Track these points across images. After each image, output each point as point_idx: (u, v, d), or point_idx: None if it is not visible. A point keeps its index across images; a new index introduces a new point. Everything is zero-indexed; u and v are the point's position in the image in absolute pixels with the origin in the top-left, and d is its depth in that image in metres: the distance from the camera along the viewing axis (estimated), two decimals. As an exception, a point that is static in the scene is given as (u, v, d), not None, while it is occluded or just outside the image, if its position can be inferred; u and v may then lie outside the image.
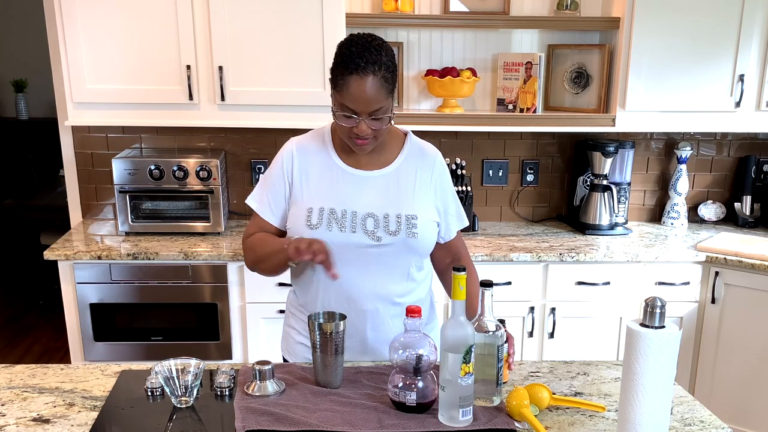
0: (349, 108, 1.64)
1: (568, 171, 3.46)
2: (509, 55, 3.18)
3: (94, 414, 1.53)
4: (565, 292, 2.95)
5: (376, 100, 1.63)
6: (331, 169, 1.78)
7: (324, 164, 1.79)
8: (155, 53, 2.87)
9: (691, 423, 1.55)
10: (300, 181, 1.79)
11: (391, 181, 1.78)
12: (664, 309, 1.33)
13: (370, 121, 1.65)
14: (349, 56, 1.62)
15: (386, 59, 1.64)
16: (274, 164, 1.84)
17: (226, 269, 2.87)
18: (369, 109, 1.63)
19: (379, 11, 3.13)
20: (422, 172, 1.81)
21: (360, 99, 1.62)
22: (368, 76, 1.61)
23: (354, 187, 1.76)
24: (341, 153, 1.80)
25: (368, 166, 1.79)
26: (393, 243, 1.74)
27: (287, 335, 1.96)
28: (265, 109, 2.95)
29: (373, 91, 1.62)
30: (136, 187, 2.99)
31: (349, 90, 1.62)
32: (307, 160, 1.80)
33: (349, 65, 1.61)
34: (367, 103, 1.62)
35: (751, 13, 2.95)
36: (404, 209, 1.76)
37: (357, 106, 1.63)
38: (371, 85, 1.61)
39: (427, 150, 1.85)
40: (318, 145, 1.82)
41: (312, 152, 1.81)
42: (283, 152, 1.83)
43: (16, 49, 6.22)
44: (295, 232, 1.77)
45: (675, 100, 3.04)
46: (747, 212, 3.44)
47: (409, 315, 1.52)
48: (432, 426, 1.46)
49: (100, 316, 2.88)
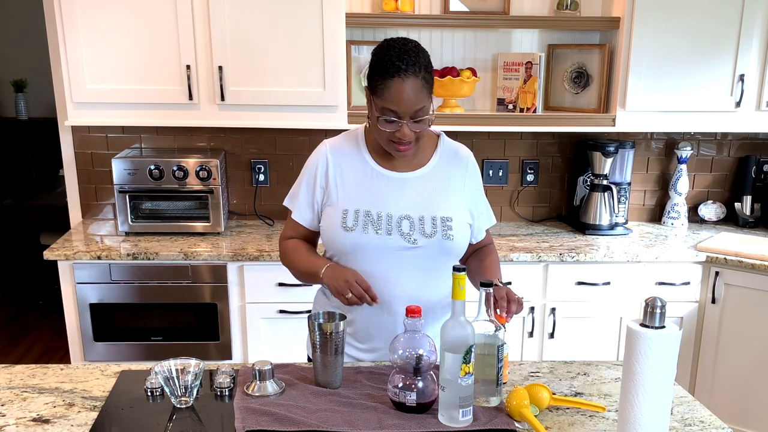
0: (391, 111, 1.64)
1: (568, 171, 3.46)
2: (509, 55, 3.18)
3: (93, 414, 1.53)
4: (565, 292, 2.95)
5: (418, 101, 1.64)
6: (366, 171, 1.78)
7: (358, 166, 1.79)
8: (155, 53, 2.87)
9: (691, 423, 1.55)
10: (335, 184, 1.79)
11: (425, 183, 1.78)
12: (664, 309, 1.33)
13: (412, 124, 1.65)
14: (388, 60, 1.63)
15: (424, 60, 1.66)
16: (307, 166, 1.84)
17: (225, 269, 2.87)
18: (412, 111, 1.64)
19: (379, 11, 3.13)
20: (456, 173, 1.82)
21: (403, 101, 1.62)
22: (409, 78, 1.62)
23: (389, 189, 1.76)
24: (375, 155, 1.79)
25: (403, 167, 1.78)
26: (428, 245, 1.74)
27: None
28: (265, 109, 2.95)
29: (415, 93, 1.63)
30: (136, 187, 2.99)
31: (391, 93, 1.62)
32: (341, 162, 1.80)
33: (390, 69, 1.62)
34: (410, 104, 1.63)
35: (751, 13, 2.95)
36: (439, 211, 1.76)
37: (400, 108, 1.63)
38: (413, 86, 1.62)
39: (461, 151, 1.86)
40: (352, 148, 1.81)
41: (346, 154, 1.81)
42: (317, 154, 1.83)
43: (16, 49, 6.22)
44: (330, 233, 1.77)
45: (675, 100, 3.04)
46: (747, 212, 3.43)
47: (409, 315, 1.52)
48: (432, 426, 1.46)
49: (100, 316, 2.88)
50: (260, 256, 2.82)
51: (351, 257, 1.76)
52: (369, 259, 1.74)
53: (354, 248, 1.74)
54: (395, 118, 1.64)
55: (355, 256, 1.75)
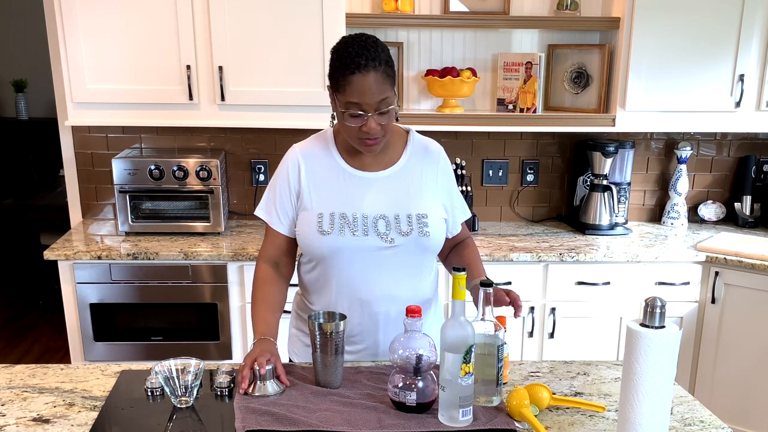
0: (355, 104, 1.63)
1: (568, 171, 3.46)
2: (509, 55, 3.18)
3: (94, 414, 1.53)
4: (565, 292, 2.95)
5: (381, 92, 1.63)
6: (338, 173, 1.78)
7: (330, 168, 1.78)
8: (155, 53, 2.87)
9: (691, 423, 1.55)
10: (308, 188, 1.78)
11: (398, 181, 1.78)
12: (664, 309, 1.33)
13: (377, 116, 1.65)
14: (347, 57, 1.62)
15: (384, 55, 1.65)
16: (279, 173, 1.82)
17: (226, 269, 2.87)
18: (375, 103, 1.63)
19: (379, 11, 3.13)
20: (427, 169, 1.82)
21: (365, 94, 1.62)
22: (370, 72, 1.61)
23: (362, 189, 1.76)
24: (346, 156, 1.79)
25: (373, 167, 1.78)
26: (405, 243, 1.74)
27: (294, 337, 1.95)
28: (265, 109, 2.95)
29: (377, 84, 1.62)
30: (136, 187, 2.99)
31: (353, 88, 1.62)
32: (312, 165, 1.79)
33: (350, 65, 1.62)
34: (372, 96, 1.62)
35: (751, 13, 2.95)
36: (414, 208, 1.76)
37: (364, 101, 1.63)
38: (374, 79, 1.62)
39: (431, 147, 1.86)
40: (322, 150, 1.81)
41: (317, 157, 1.80)
42: (288, 160, 1.81)
43: (16, 49, 6.22)
44: (307, 238, 1.76)
45: (675, 100, 3.04)
46: (747, 212, 3.44)
47: (409, 315, 1.52)
48: (432, 426, 1.46)
49: (100, 316, 2.88)
50: (260, 256, 2.82)
51: (329, 260, 1.76)
52: (347, 260, 1.74)
53: (332, 251, 1.74)
54: (360, 111, 1.64)
55: (332, 259, 1.75)
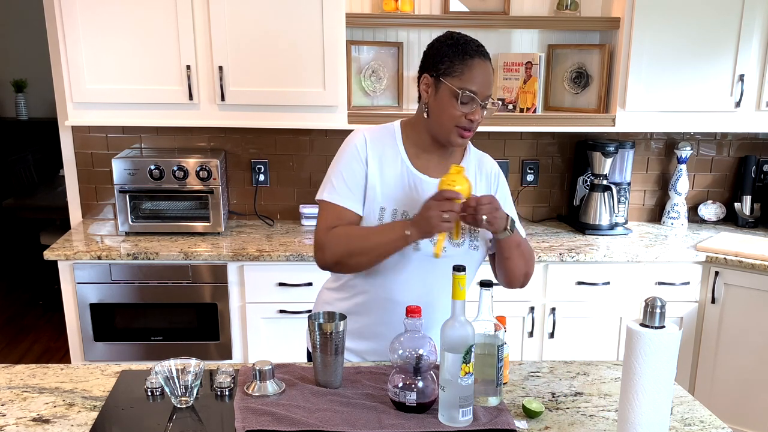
0: (471, 90, 1.64)
1: (568, 171, 3.46)
2: (509, 55, 3.18)
3: (94, 414, 1.54)
4: (565, 292, 2.95)
5: (491, 86, 1.68)
6: (403, 171, 1.76)
7: (395, 163, 1.76)
8: (155, 53, 2.87)
9: (691, 423, 1.55)
10: (375, 172, 1.74)
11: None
12: (664, 309, 1.33)
13: (482, 109, 1.67)
14: (464, 43, 1.67)
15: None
16: (345, 151, 1.76)
17: (226, 269, 2.87)
18: (488, 92, 1.67)
19: (379, 11, 3.13)
20: (482, 181, 1.83)
21: (485, 80, 1.66)
22: (487, 61, 1.67)
23: (422, 192, 1.73)
24: (411, 155, 1.77)
25: (434, 172, 1.76)
26: (455, 254, 1.73)
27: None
28: (265, 109, 2.95)
29: (491, 75, 1.68)
30: (136, 187, 2.99)
31: (472, 72, 1.65)
32: (379, 152, 1.75)
33: (469, 50, 1.65)
34: (489, 85, 1.67)
35: (751, 13, 2.95)
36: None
37: (481, 88, 1.65)
38: (489, 69, 1.67)
39: (485, 161, 1.88)
40: (389, 141, 1.78)
41: (384, 146, 1.76)
42: (355, 139, 1.76)
43: (16, 49, 6.22)
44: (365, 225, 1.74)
45: (675, 100, 3.04)
46: (747, 212, 3.44)
47: (409, 315, 1.52)
48: (432, 426, 1.46)
49: (100, 316, 2.88)
50: (260, 256, 2.82)
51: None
52: (396, 262, 1.72)
53: None
54: (474, 96, 1.65)
55: None
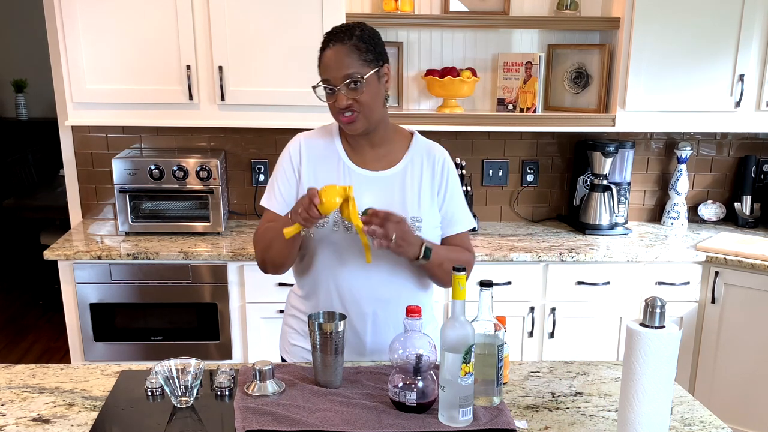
0: (325, 80, 1.69)
1: (568, 171, 3.46)
2: (509, 55, 3.18)
3: (94, 414, 1.53)
4: (565, 292, 2.95)
5: (347, 66, 1.66)
6: (338, 167, 1.79)
7: (331, 160, 1.79)
8: (155, 53, 2.87)
9: (691, 423, 1.55)
10: (308, 176, 1.79)
11: (396, 182, 1.78)
12: (664, 309, 1.33)
13: (347, 91, 1.67)
14: (325, 36, 1.72)
15: (359, 32, 1.69)
16: (281, 159, 1.83)
17: (226, 269, 2.87)
18: (340, 75, 1.66)
19: (379, 11, 3.13)
20: (428, 173, 1.81)
21: (332, 66, 1.67)
22: (337, 44, 1.68)
23: (360, 186, 1.75)
24: (349, 150, 1.80)
25: (374, 165, 1.79)
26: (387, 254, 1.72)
27: (285, 335, 1.96)
28: (265, 109, 2.95)
29: (342, 57, 1.67)
30: (136, 187, 2.99)
31: (324, 62, 1.70)
32: (314, 154, 1.80)
33: (324, 42, 1.71)
34: (338, 68, 1.66)
35: (751, 13, 2.95)
36: (409, 211, 1.75)
37: (330, 74, 1.68)
38: (340, 51, 1.67)
39: (434, 150, 1.84)
40: (326, 141, 1.82)
41: (319, 147, 1.81)
42: (290, 147, 1.83)
43: (16, 49, 6.22)
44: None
45: (675, 100, 3.04)
46: (747, 212, 3.44)
47: (409, 315, 1.52)
48: (432, 426, 1.46)
49: (100, 316, 2.88)
50: (260, 256, 2.82)
51: (320, 255, 1.77)
52: (338, 256, 1.75)
53: (323, 245, 1.75)
54: (331, 87, 1.68)
55: (323, 254, 1.76)
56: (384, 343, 1.76)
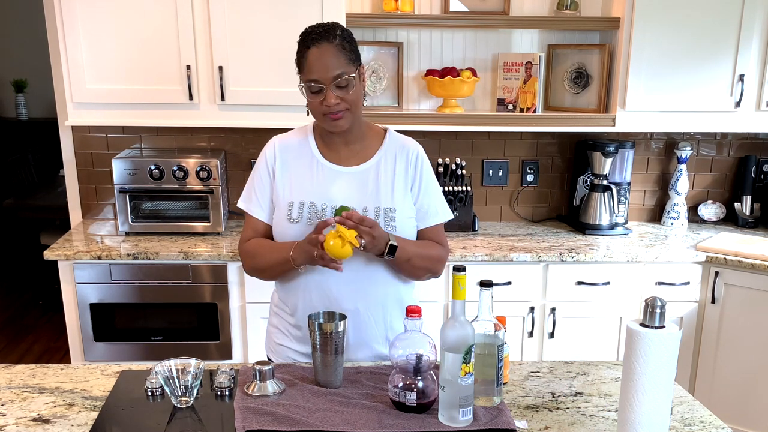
0: (313, 80, 1.68)
1: (568, 171, 3.46)
2: (509, 55, 3.18)
3: (94, 414, 1.54)
4: (565, 292, 2.95)
5: (337, 66, 1.68)
6: (312, 164, 1.81)
7: (305, 159, 1.82)
8: (155, 53, 2.87)
9: (691, 423, 1.55)
10: (281, 176, 1.82)
11: (370, 176, 1.80)
12: (664, 309, 1.33)
13: (336, 90, 1.68)
14: (304, 35, 1.72)
15: (340, 32, 1.71)
16: (258, 161, 1.88)
17: (226, 269, 2.87)
18: (330, 75, 1.67)
19: (379, 11, 3.13)
20: (401, 166, 1.83)
21: (320, 66, 1.68)
22: (323, 44, 1.68)
23: (333, 181, 1.78)
24: (323, 148, 1.83)
25: (348, 161, 1.81)
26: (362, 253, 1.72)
27: (270, 334, 1.97)
28: (265, 109, 2.95)
29: (331, 56, 1.68)
30: (136, 187, 2.99)
31: (309, 62, 1.69)
32: (288, 155, 1.83)
33: (306, 42, 1.70)
34: (328, 68, 1.67)
35: (751, 13, 2.95)
36: (383, 203, 1.77)
37: (320, 74, 1.68)
38: (328, 51, 1.68)
39: (408, 145, 1.86)
40: (300, 140, 1.85)
41: (294, 147, 1.84)
42: (266, 149, 1.87)
43: (16, 49, 6.22)
44: (278, 226, 1.80)
45: (675, 100, 3.04)
46: (747, 212, 3.44)
47: (409, 315, 1.52)
48: (432, 426, 1.46)
49: (100, 316, 2.88)
50: (260, 256, 2.82)
51: None
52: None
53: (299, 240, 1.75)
54: (318, 86, 1.68)
55: None
56: (366, 338, 1.79)
